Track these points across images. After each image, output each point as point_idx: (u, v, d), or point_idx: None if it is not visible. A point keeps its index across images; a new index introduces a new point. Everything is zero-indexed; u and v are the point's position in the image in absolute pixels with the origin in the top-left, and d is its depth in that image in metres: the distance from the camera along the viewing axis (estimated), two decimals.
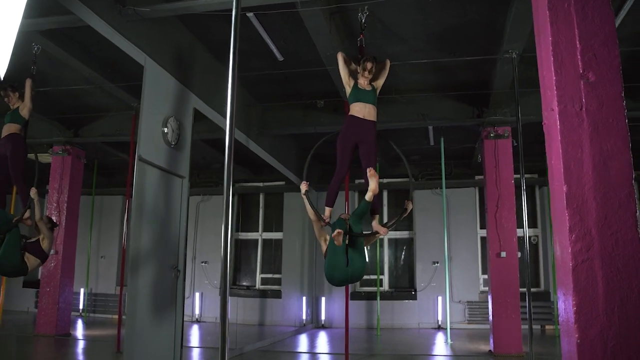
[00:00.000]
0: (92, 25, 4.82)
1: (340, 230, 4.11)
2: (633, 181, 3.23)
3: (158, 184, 5.75)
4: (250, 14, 5.96)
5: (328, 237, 4.42)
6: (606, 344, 3.05)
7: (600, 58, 3.40)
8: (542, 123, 3.69)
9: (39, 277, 9.28)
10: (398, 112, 8.42)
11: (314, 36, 6.08)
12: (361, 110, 4.60)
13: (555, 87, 3.39)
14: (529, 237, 11.92)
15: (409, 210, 4.63)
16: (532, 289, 11.48)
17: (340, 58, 4.83)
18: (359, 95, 4.68)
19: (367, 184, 4.40)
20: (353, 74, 4.84)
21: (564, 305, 3.29)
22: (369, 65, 4.65)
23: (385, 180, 12.46)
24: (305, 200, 4.52)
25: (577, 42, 3.42)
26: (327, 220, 4.50)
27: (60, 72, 7.69)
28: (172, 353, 5.97)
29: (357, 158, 4.72)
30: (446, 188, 10.40)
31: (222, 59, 7.37)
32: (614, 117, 3.30)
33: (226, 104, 3.18)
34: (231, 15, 3.12)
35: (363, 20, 5.71)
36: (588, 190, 3.23)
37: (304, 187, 4.61)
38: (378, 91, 4.80)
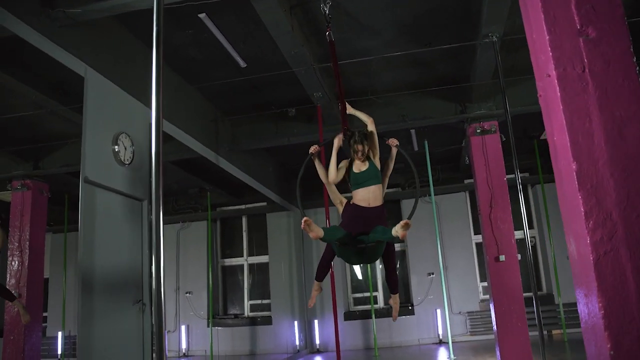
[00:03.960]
0: (19, 33, 4.24)
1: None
2: None
3: (111, 208, 5.12)
4: (202, 15, 5.41)
5: (344, 200, 4.16)
6: None
7: (599, 10, 2.85)
8: (538, 96, 3.15)
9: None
10: (376, 114, 7.74)
11: (274, 34, 5.53)
12: (364, 197, 3.98)
13: (549, 49, 2.84)
14: (523, 239, 11.42)
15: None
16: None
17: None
18: (357, 179, 4.05)
19: None
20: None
21: (587, 309, 2.69)
22: (359, 147, 4.02)
23: None
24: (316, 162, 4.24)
25: None
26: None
27: (6, 99, 7.07)
28: None
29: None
30: (435, 195, 9.84)
31: (177, 69, 6.80)
32: (624, 76, 2.74)
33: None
34: (189, 16, 2.60)
35: (327, 12, 5.18)
36: (602, 165, 2.66)
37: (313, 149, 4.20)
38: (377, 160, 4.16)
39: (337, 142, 4.19)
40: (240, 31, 5.93)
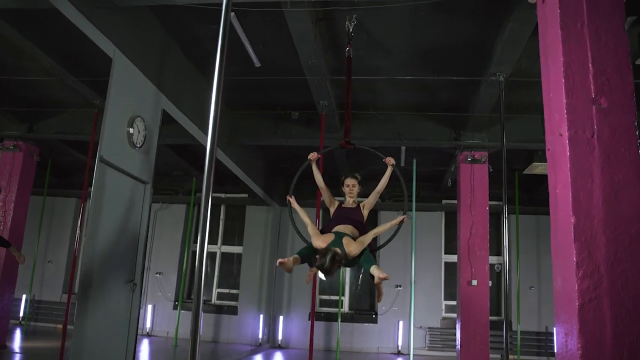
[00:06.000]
0: (60, 8, 4.37)
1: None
2: None
3: (119, 188, 5.28)
4: (231, 14, 5.60)
5: (336, 203, 4.45)
6: None
7: (613, 83, 3.20)
8: (546, 149, 3.47)
9: None
10: (374, 129, 8.16)
11: (297, 42, 5.76)
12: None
13: (565, 111, 3.16)
14: (492, 264, 11.89)
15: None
16: (494, 317, 11.34)
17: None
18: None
19: None
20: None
21: (566, 347, 3.02)
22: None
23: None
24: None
25: (590, 65, 3.21)
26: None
27: (17, 60, 7.12)
28: None
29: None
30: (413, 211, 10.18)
31: (194, 59, 6.98)
32: (626, 146, 3.09)
33: (209, 114, 2.87)
34: (216, 10, 2.84)
35: (351, 30, 5.47)
36: (597, 223, 3.00)
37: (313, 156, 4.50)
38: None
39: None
40: (262, 34, 6.14)
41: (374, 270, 3.84)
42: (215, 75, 2.93)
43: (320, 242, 3.93)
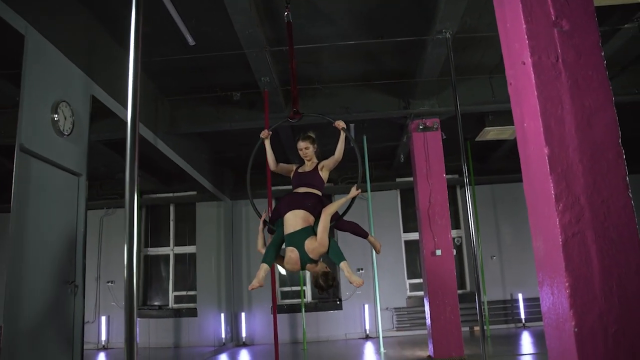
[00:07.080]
0: None
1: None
2: (620, 140, 2.80)
3: (47, 181, 4.76)
4: None
5: (293, 167, 4.41)
6: (607, 330, 2.56)
7: (572, 4, 2.96)
8: (508, 84, 3.23)
9: None
10: (319, 104, 7.83)
11: (232, 12, 5.37)
12: (290, 221, 4.09)
13: (526, 37, 2.91)
14: (453, 238, 11.80)
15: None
16: (459, 291, 11.26)
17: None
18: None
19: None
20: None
21: (552, 290, 2.78)
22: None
23: None
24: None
25: None
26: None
27: None
28: None
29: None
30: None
31: (125, 45, 6.46)
32: (593, 68, 2.87)
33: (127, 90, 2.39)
34: None
35: None
36: (572, 151, 2.76)
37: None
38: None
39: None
40: (195, 8, 5.71)
41: (344, 268, 3.88)
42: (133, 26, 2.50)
43: (290, 266, 4.07)
